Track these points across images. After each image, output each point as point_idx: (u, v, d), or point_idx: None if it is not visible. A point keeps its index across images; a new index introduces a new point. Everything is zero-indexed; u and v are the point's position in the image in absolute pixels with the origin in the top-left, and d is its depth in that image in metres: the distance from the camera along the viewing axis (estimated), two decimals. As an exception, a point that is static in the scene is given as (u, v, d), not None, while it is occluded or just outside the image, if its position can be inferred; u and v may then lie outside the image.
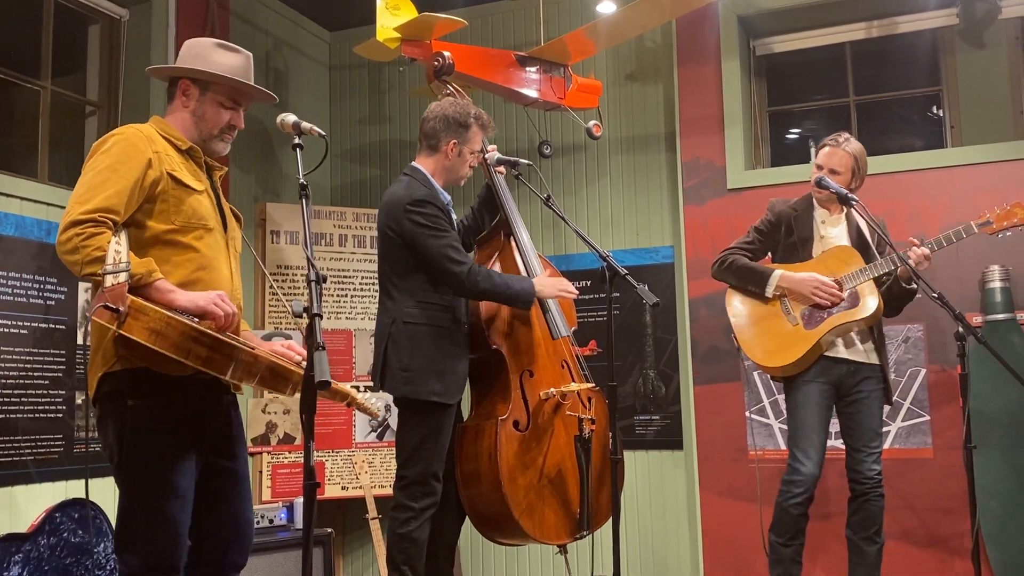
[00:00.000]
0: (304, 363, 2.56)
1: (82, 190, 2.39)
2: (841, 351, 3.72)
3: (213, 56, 2.62)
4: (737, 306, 3.86)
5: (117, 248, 2.31)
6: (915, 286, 3.68)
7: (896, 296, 3.75)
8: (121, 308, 2.20)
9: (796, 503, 3.65)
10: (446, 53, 4.33)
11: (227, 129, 2.65)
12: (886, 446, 4.51)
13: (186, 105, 2.62)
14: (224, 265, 2.59)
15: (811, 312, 3.71)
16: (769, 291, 3.75)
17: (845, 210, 3.84)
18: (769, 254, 3.95)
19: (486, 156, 3.63)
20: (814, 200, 3.86)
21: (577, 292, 3.61)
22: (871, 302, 3.65)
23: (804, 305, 3.73)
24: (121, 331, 2.21)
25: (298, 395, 2.58)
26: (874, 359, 3.75)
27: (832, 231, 3.83)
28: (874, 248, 3.77)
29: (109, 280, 2.25)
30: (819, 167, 3.80)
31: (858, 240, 3.81)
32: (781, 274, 3.74)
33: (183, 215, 2.50)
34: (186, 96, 2.62)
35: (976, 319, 4.34)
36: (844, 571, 3.79)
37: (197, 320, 2.33)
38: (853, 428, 3.72)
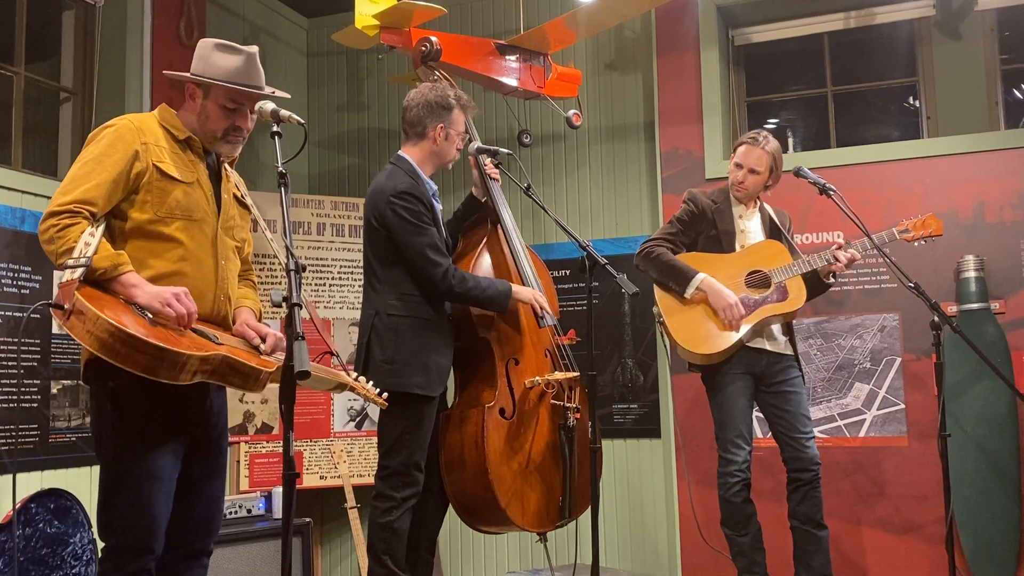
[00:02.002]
0: (262, 348, 2.58)
1: (66, 181, 2.44)
2: (761, 343, 3.79)
3: (212, 58, 2.59)
4: (667, 291, 3.87)
5: (88, 240, 2.32)
6: (832, 281, 3.81)
7: (812, 288, 3.82)
8: (66, 306, 2.22)
9: (736, 491, 3.73)
10: (433, 38, 4.30)
11: (231, 131, 2.63)
12: (861, 434, 4.56)
13: (193, 108, 2.63)
14: (209, 256, 2.59)
15: (742, 302, 3.74)
16: (688, 293, 3.77)
17: (758, 204, 3.93)
18: (686, 247, 3.96)
19: (469, 146, 3.62)
20: (731, 195, 3.91)
21: (551, 313, 3.61)
22: (800, 297, 3.73)
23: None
24: (65, 329, 2.23)
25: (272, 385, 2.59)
26: (790, 350, 3.85)
27: (749, 225, 3.91)
28: (788, 239, 3.86)
29: (67, 275, 2.27)
30: (738, 165, 3.85)
31: (772, 233, 3.90)
32: (704, 278, 3.76)
33: (166, 206, 2.51)
34: (192, 99, 2.63)
35: (951, 308, 4.38)
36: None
37: (151, 317, 2.32)
38: (787, 418, 3.76)
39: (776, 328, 3.81)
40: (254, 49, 2.64)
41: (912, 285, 3.54)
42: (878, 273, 4.59)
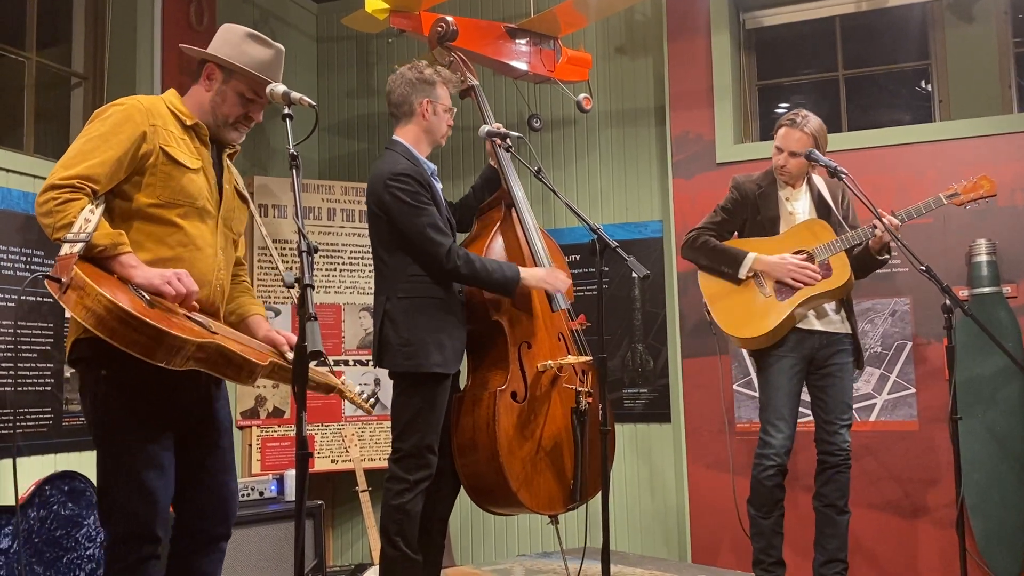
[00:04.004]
0: (290, 357, 2.59)
1: (70, 155, 2.40)
2: (814, 323, 3.77)
3: (243, 46, 2.61)
4: (710, 280, 3.88)
5: (88, 217, 2.30)
6: (886, 256, 3.76)
7: (865, 264, 3.80)
8: (64, 279, 2.20)
9: (769, 475, 3.73)
10: (449, 18, 4.28)
11: (243, 119, 2.65)
12: (871, 419, 4.56)
13: (208, 89, 2.63)
14: (208, 246, 2.58)
15: (784, 284, 3.74)
16: (742, 273, 3.77)
17: (805, 181, 3.88)
18: (736, 233, 3.96)
19: (479, 130, 3.61)
20: (776, 177, 3.87)
21: (566, 284, 3.56)
22: (843, 273, 3.70)
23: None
24: (60, 302, 2.21)
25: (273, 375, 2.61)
26: (846, 328, 3.81)
27: (797, 206, 3.87)
28: (839, 216, 3.81)
29: (65, 249, 2.25)
30: (778, 149, 3.81)
31: (821, 210, 3.84)
32: (756, 257, 3.75)
33: (169, 191, 2.49)
34: (210, 80, 2.63)
35: (963, 293, 4.37)
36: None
37: (149, 297, 2.31)
38: (827, 402, 3.76)
39: (829, 307, 3.79)
40: (281, 47, 2.67)
41: (924, 268, 3.52)
42: (889, 257, 4.57)
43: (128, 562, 2.41)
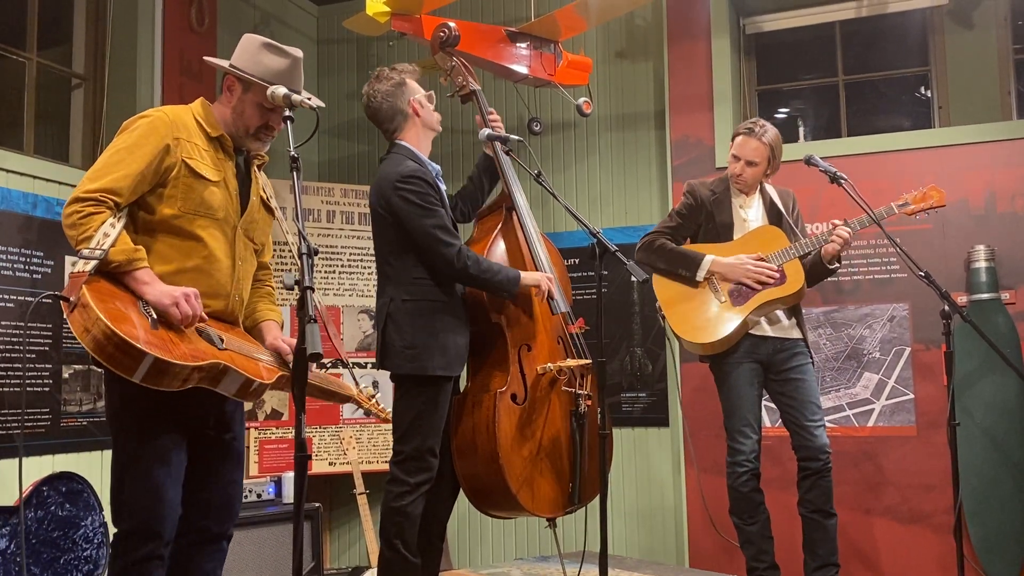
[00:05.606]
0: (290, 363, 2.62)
1: (96, 167, 2.46)
2: (766, 329, 3.78)
3: (258, 56, 2.63)
4: (666, 284, 3.88)
5: (107, 231, 2.35)
6: (836, 265, 3.78)
7: (816, 272, 3.81)
8: (71, 299, 2.26)
9: (744, 480, 3.73)
10: (451, 24, 4.29)
11: (263, 129, 2.67)
12: (870, 424, 4.56)
13: (229, 100, 2.66)
14: (227, 256, 2.61)
15: (739, 290, 3.75)
16: (700, 275, 3.77)
17: (758, 190, 3.90)
18: (689, 239, 3.96)
19: (480, 133, 3.61)
20: (731, 185, 3.89)
21: (563, 296, 3.58)
22: (797, 280, 3.72)
23: (732, 283, 3.77)
24: (68, 320, 2.28)
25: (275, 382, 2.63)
26: (796, 334, 3.82)
27: (750, 213, 3.89)
28: (790, 223, 3.83)
29: (78, 265, 2.31)
30: (735, 157, 3.82)
31: (773, 217, 3.86)
32: (713, 259, 3.76)
33: (190, 202, 2.53)
34: (230, 92, 2.66)
35: (961, 299, 4.37)
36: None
37: (154, 317, 2.35)
38: (796, 405, 3.75)
39: (780, 313, 3.80)
40: (299, 53, 2.68)
41: (922, 274, 3.53)
42: (888, 263, 4.59)
43: (128, 559, 2.44)
